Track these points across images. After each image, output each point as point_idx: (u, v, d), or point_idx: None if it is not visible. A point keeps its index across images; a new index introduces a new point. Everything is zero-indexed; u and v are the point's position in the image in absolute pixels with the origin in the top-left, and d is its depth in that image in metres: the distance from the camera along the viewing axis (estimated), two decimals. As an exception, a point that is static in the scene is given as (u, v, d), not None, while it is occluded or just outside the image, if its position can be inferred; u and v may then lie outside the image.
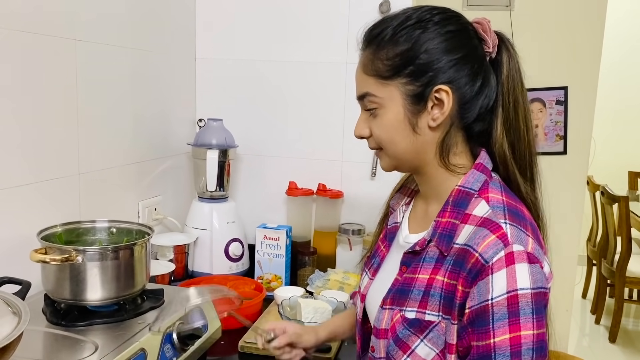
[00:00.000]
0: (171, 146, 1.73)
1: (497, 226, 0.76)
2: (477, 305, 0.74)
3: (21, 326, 0.75)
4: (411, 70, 0.79)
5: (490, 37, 0.82)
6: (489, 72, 0.82)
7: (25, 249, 0.99)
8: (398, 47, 0.80)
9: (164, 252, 1.60)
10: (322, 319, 1.29)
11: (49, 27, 1.18)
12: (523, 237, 0.76)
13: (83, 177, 1.32)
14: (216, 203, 1.68)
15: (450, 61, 0.79)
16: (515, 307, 0.72)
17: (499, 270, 0.73)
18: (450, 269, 0.78)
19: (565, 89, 2.45)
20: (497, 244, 0.74)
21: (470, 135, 0.84)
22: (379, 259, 0.95)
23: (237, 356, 1.26)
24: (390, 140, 0.83)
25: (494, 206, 0.79)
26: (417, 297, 0.81)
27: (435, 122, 0.81)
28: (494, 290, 0.73)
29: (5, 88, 1.09)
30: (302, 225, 1.75)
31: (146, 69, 1.57)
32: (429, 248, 0.83)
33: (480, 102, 0.81)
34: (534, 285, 0.73)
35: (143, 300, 1.12)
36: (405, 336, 0.81)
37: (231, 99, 1.84)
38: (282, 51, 1.78)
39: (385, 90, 0.81)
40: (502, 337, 0.72)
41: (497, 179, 0.84)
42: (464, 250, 0.77)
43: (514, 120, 0.82)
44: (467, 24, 0.83)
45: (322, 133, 1.76)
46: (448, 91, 0.79)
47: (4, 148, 1.10)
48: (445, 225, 0.81)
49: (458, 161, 0.84)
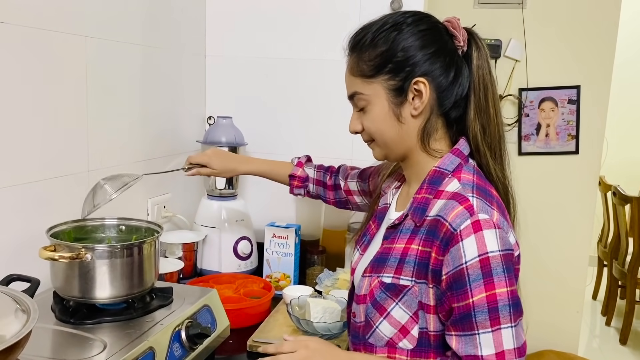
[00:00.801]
0: (181, 143, 1.73)
1: (464, 199, 0.85)
2: (452, 270, 0.82)
3: (30, 324, 0.75)
4: (391, 67, 0.90)
5: (460, 33, 0.91)
6: (461, 63, 0.92)
7: (34, 246, 0.99)
8: (378, 48, 0.90)
9: (172, 250, 1.59)
10: (332, 319, 1.28)
11: (59, 24, 1.18)
12: (488, 209, 0.85)
13: (92, 174, 1.32)
14: (225, 201, 1.68)
15: (424, 56, 0.89)
16: (487, 268, 0.80)
17: (468, 237, 0.81)
18: (424, 238, 0.88)
19: (577, 88, 2.43)
20: (464, 213, 0.83)
21: (449, 121, 0.94)
22: (369, 236, 1.03)
23: (245, 355, 1.25)
24: (379, 131, 0.94)
25: (464, 184, 0.89)
26: (393, 264, 0.90)
27: (416, 111, 0.91)
28: (466, 255, 0.81)
29: (15, 85, 1.09)
30: (311, 224, 1.75)
31: (156, 66, 1.57)
32: (405, 221, 0.93)
33: (455, 90, 0.91)
34: (502, 248, 0.81)
35: (152, 298, 1.11)
36: (382, 299, 0.90)
37: (241, 97, 1.83)
38: (293, 49, 1.77)
39: (371, 88, 0.92)
40: (479, 295, 0.80)
41: (472, 165, 0.94)
42: (436, 220, 0.87)
43: (485, 105, 0.92)
44: (437, 22, 0.93)
45: (332, 131, 1.74)
46: (425, 82, 0.89)
47: (14, 145, 1.10)
48: (420, 200, 0.91)
49: (437, 146, 0.94)
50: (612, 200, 3.57)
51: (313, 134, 1.78)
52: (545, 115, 2.50)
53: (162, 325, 1.01)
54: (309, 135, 1.78)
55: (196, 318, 1.09)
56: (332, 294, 1.43)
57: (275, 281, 1.59)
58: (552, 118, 2.49)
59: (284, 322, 1.35)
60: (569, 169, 2.47)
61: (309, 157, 1.42)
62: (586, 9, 2.35)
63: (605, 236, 3.87)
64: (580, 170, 2.46)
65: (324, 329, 1.25)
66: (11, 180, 1.10)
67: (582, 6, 2.35)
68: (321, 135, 1.76)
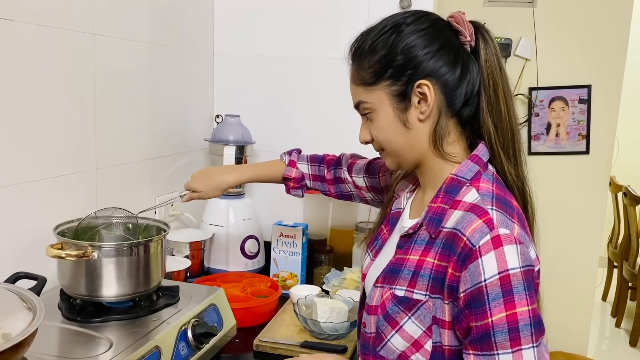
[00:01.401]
0: (188, 142, 1.73)
1: (483, 211, 0.80)
2: (471, 288, 0.77)
3: (35, 322, 0.75)
4: (391, 72, 0.86)
5: (465, 27, 0.87)
6: (469, 59, 0.87)
7: (42, 243, 0.99)
8: (376, 54, 0.87)
9: (180, 248, 1.59)
10: (339, 319, 1.27)
11: (67, 21, 1.18)
12: (508, 222, 0.79)
13: (100, 172, 1.32)
14: (233, 199, 1.67)
15: (426, 55, 0.84)
16: (508, 286, 0.75)
17: (487, 253, 0.76)
18: (440, 252, 0.83)
19: (588, 87, 2.40)
20: (483, 228, 0.78)
21: (463, 121, 0.89)
22: (381, 241, 0.99)
23: (252, 355, 1.25)
24: (386, 139, 0.90)
25: (483, 194, 0.83)
26: (407, 276, 0.85)
27: (424, 115, 0.86)
28: (485, 272, 0.76)
29: (23, 82, 1.09)
30: (318, 223, 1.74)
31: (164, 64, 1.57)
32: (420, 231, 0.88)
33: (464, 88, 0.86)
34: (523, 264, 0.77)
35: (158, 297, 1.11)
36: (394, 313, 0.86)
37: (249, 95, 1.83)
38: (301, 47, 1.76)
39: (374, 95, 0.88)
40: (499, 315, 0.75)
41: (492, 172, 0.88)
42: (453, 233, 0.81)
43: (495, 101, 0.87)
44: (437, 19, 0.89)
45: (340, 130, 1.73)
46: (428, 84, 0.84)
47: (21, 143, 1.10)
48: (435, 210, 0.86)
49: (452, 150, 0.89)
50: (623, 200, 3.54)
51: (321, 132, 1.77)
52: (556, 115, 2.47)
53: (168, 324, 1.01)
54: (317, 133, 1.77)
55: (202, 317, 1.09)
56: (339, 293, 1.42)
57: (282, 280, 1.58)
58: (563, 117, 2.47)
59: (291, 321, 1.35)
60: (580, 169, 2.45)
61: (299, 151, 1.34)
62: (598, 8, 2.32)
63: (615, 237, 3.83)
64: (591, 171, 2.44)
65: (330, 329, 1.24)
66: (19, 178, 1.10)
67: (594, 4, 2.33)
68: (329, 133, 1.76)
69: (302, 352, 1.22)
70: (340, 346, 1.23)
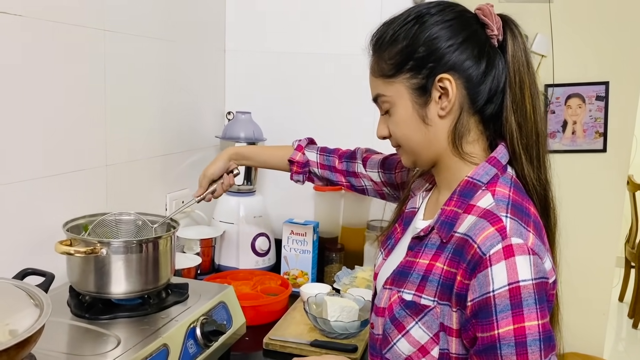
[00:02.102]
0: (200, 139, 1.72)
1: (497, 219, 0.77)
2: (478, 298, 0.74)
3: (42, 319, 0.74)
4: (412, 64, 0.82)
5: (493, 20, 0.83)
6: (495, 54, 0.83)
7: (52, 240, 0.98)
8: (397, 45, 0.83)
9: (190, 245, 1.59)
10: (349, 318, 1.26)
11: (77, 17, 1.18)
12: (523, 231, 0.76)
13: (110, 168, 1.32)
14: (244, 197, 1.67)
15: (449, 48, 0.81)
16: (517, 298, 0.72)
17: (498, 263, 0.73)
18: (450, 257, 0.80)
19: (606, 84, 2.35)
20: (495, 236, 0.75)
21: (485, 120, 0.85)
22: (394, 240, 0.97)
23: (261, 353, 1.24)
24: (403, 135, 0.87)
25: (498, 199, 0.80)
26: (415, 280, 0.83)
27: (444, 111, 0.82)
28: (494, 283, 0.73)
29: (33, 78, 1.09)
30: (330, 221, 1.73)
31: (175, 60, 1.56)
32: (431, 234, 0.85)
33: (488, 84, 0.82)
34: (535, 276, 0.73)
35: (168, 294, 1.10)
36: (401, 316, 0.83)
37: (260, 92, 1.82)
38: (312, 43, 1.75)
39: (392, 89, 0.85)
40: (506, 328, 0.72)
41: (510, 175, 0.84)
42: (464, 240, 0.78)
43: (521, 100, 0.83)
44: (464, 11, 0.85)
45: (352, 127, 1.72)
46: (450, 79, 0.81)
47: (31, 139, 1.10)
48: (448, 213, 0.83)
49: (471, 150, 0.85)
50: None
51: (332, 130, 1.75)
52: (572, 112, 2.43)
53: (176, 321, 1.00)
54: (328, 130, 1.75)
55: (212, 315, 1.08)
56: (350, 292, 1.41)
57: (293, 278, 1.57)
58: (579, 115, 2.43)
59: (301, 320, 1.34)
60: (596, 167, 2.40)
61: (311, 140, 1.33)
62: (616, 3, 2.28)
63: (633, 236, 3.77)
64: (608, 169, 2.39)
65: (340, 328, 1.23)
66: (30, 174, 1.10)
67: (612, 0, 2.28)
68: (341, 131, 1.74)
69: (312, 351, 1.21)
70: (351, 345, 1.22)
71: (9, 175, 1.05)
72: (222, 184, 1.32)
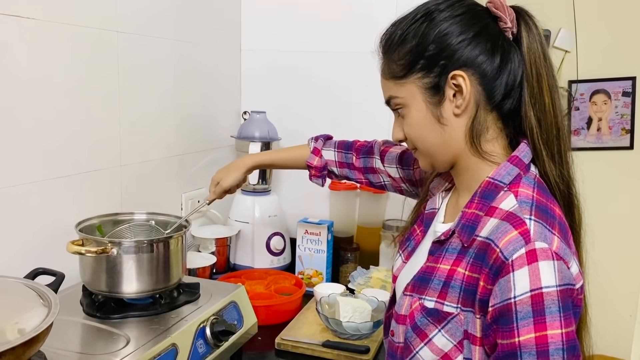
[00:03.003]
0: (215, 138, 1.73)
1: (520, 221, 0.73)
2: (499, 304, 0.71)
3: (49, 319, 0.76)
4: (423, 63, 0.80)
5: (505, 12, 0.80)
6: (510, 47, 0.80)
7: (66, 239, 1.00)
8: (407, 45, 0.81)
9: (206, 245, 1.60)
10: (361, 319, 1.25)
11: (90, 20, 1.19)
12: (547, 234, 0.72)
13: (125, 168, 1.33)
14: (259, 196, 1.67)
15: (460, 43, 0.78)
16: (540, 305, 0.69)
17: (520, 268, 0.70)
18: (472, 262, 0.77)
19: (633, 79, 2.29)
20: (518, 240, 0.71)
21: (503, 116, 0.82)
22: (414, 242, 0.94)
23: (273, 353, 1.24)
24: (418, 136, 0.84)
25: (521, 201, 0.76)
26: (437, 287, 0.80)
27: (459, 109, 0.80)
28: (516, 289, 0.70)
29: (48, 80, 1.11)
30: (345, 220, 1.72)
31: (190, 60, 1.57)
32: (452, 239, 0.82)
33: (504, 79, 0.79)
34: (560, 282, 0.70)
35: (179, 293, 1.11)
36: (423, 324, 0.81)
37: (276, 91, 1.82)
38: (328, 42, 1.74)
39: (404, 90, 0.82)
40: (527, 336, 0.69)
41: (534, 175, 0.81)
42: (486, 244, 0.75)
43: (539, 93, 0.80)
44: (474, 4, 0.82)
45: (368, 126, 1.70)
46: (463, 75, 0.78)
47: (47, 139, 1.11)
48: (469, 216, 0.80)
49: (491, 148, 0.82)
50: (671, 198, 3.37)
51: (348, 129, 1.73)
52: (597, 109, 2.37)
53: (186, 321, 1.00)
54: (344, 129, 1.73)
55: (222, 315, 1.08)
56: (364, 292, 1.40)
57: (307, 278, 1.57)
58: (605, 111, 2.37)
59: (314, 320, 1.33)
60: (623, 165, 2.34)
61: (327, 137, 1.30)
62: (643, -5, 2.21)
63: (663, 236, 3.66)
64: (635, 166, 2.32)
65: (353, 329, 1.22)
66: (45, 174, 1.11)
67: (639, -8, 2.21)
68: (356, 130, 1.71)
69: (324, 351, 1.20)
70: (363, 346, 1.20)
71: (25, 175, 1.07)
72: (237, 186, 1.34)
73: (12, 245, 1.06)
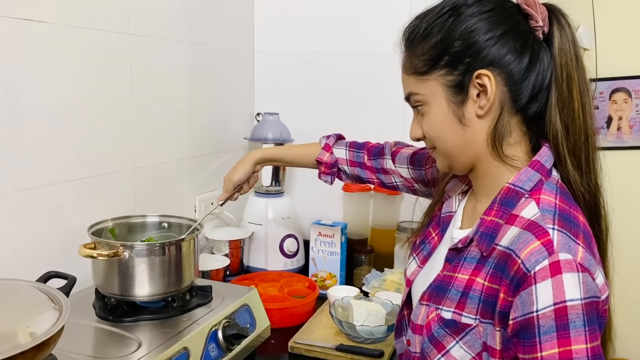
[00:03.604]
0: (229, 140, 1.73)
1: (543, 231, 0.70)
2: (520, 317, 0.69)
3: (60, 322, 0.76)
4: (447, 60, 0.77)
5: (537, 10, 0.76)
6: (539, 47, 0.77)
7: (79, 242, 1.00)
8: (431, 39, 0.78)
9: (219, 247, 1.60)
10: (375, 323, 1.23)
11: (102, 22, 1.19)
12: (572, 245, 0.69)
13: (138, 171, 1.33)
14: (272, 198, 1.66)
15: (488, 41, 0.75)
16: (564, 319, 0.66)
17: (543, 281, 0.67)
18: (491, 273, 0.75)
19: (654, 77, 2.24)
20: (541, 251, 0.69)
21: (527, 119, 0.79)
22: (429, 247, 0.91)
23: (287, 356, 1.23)
24: (438, 136, 0.81)
25: (543, 209, 0.73)
26: (454, 297, 0.78)
27: (482, 110, 0.77)
28: (539, 302, 0.67)
29: (61, 82, 1.11)
30: (359, 222, 1.70)
31: (203, 62, 1.57)
32: (470, 247, 0.80)
33: (532, 80, 0.76)
34: (585, 295, 0.67)
35: (191, 296, 1.11)
36: (440, 336, 0.78)
37: (288, 92, 1.81)
38: (341, 42, 1.73)
39: (426, 86, 0.79)
40: (551, 351, 0.66)
41: (555, 181, 0.78)
42: (506, 254, 0.73)
43: (568, 97, 0.76)
44: (504, 1, 0.78)
45: (381, 127, 1.69)
46: (489, 75, 0.75)
47: (59, 142, 1.12)
48: (488, 224, 0.77)
49: (513, 152, 0.79)
50: (695, 198, 3.30)
51: (360, 130, 1.71)
52: (617, 107, 2.32)
53: (198, 324, 1.00)
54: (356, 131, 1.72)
55: (234, 318, 1.07)
56: (378, 295, 1.38)
57: (321, 280, 1.56)
58: (625, 110, 2.32)
59: (327, 323, 1.32)
60: (645, 165, 2.29)
61: (339, 136, 1.28)
62: (664, -9, 2.16)
63: (686, 237, 3.58)
64: (658, 167, 2.27)
65: (366, 333, 1.20)
66: (58, 177, 1.12)
67: (660, -12, 2.16)
68: (369, 131, 1.71)
69: (338, 355, 1.19)
70: (377, 350, 1.19)
71: (38, 178, 1.08)
72: (248, 183, 1.31)
73: (25, 248, 1.07)
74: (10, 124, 1.01)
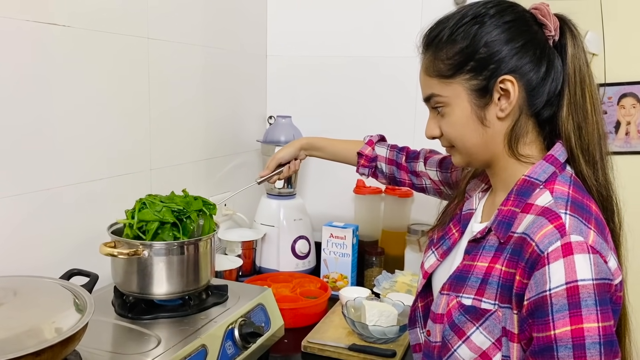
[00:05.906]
0: (242, 143, 1.75)
1: (556, 216, 0.75)
2: (534, 297, 0.72)
3: (85, 318, 0.78)
4: (472, 65, 0.81)
5: (550, 20, 0.81)
6: (554, 55, 0.82)
7: (99, 241, 1.02)
8: (457, 45, 0.81)
9: (232, 248, 1.62)
10: (388, 323, 1.25)
11: (121, 26, 1.22)
12: (583, 228, 0.73)
13: (155, 172, 1.36)
14: (284, 200, 1.68)
15: (511, 50, 0.79)
16: (576, 298, 0.69)
17: (556, 261, 0.71)
18: (508, 258, 0.78)
19: (663, 82, 2.25)
20: (553, 233, 0.73)
21: (541, 122, 0.84)
22: (449, 242, 0.94)
23: (300, 355, 1.24)
24: (460, 136, 0.85)
25: (557, 197, 0.78)
26: (474, 284, 0.81)
27: (503, 113, 0.81)
28: (551, 281, 0.70)
29: (79, 85, 1.14)
30: (370, 224, 1.72)
31: (218, 66, 1.59)
32: (489, 236, 0.83)
33: (547, 86, 0.81)
34: (597, 276, 0.70)
35: (208, 295, 1.13)
36: (461, 322, 0.81)
37: (301, 96, 1.83)
38: (353, 46, 1.75)
39: (450, 89, 0.83)
40: (563, 328, 0.69)
41: (569, 173, 0.82)
42: (522, 239, 0.76)
43: (581, 100, 0.81)
44: (523, 11, 0.83)
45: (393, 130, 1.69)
46: (513, 80, 0.79)
47: (81, 144, 1.14)
48: (505, 213, 0.81)
49: (528, 151, 0.84)
50: (703, 203, 3.29)
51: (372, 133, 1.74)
52: (626, 112, 2.32)
53: (215, 322, 1.02)
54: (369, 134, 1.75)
55: (250, 317, 1.09)
56: (389, 296, 1.40)
57: (332, 281, 1.57)
58: (634, 115, 2.32)
59: (339, 323, 1.34)
60: (652, 169, 2.29)
61: (382, 136, 1.34)
62: (673, -4, 2.17)
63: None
64: (667, 171, 2.28)
65: (379, 333, 1.22)
66: (78, 178, 1.14)
67: (669, -7, 2.17)
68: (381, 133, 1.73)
69: (350, 355, 1.20)
70: (389, 350, 1.20)
71: (60, 179, 1.10)
72: (289, 168, 1.36)
73: (49, 246, 1.09)
74: (35, 126, 1.04)
